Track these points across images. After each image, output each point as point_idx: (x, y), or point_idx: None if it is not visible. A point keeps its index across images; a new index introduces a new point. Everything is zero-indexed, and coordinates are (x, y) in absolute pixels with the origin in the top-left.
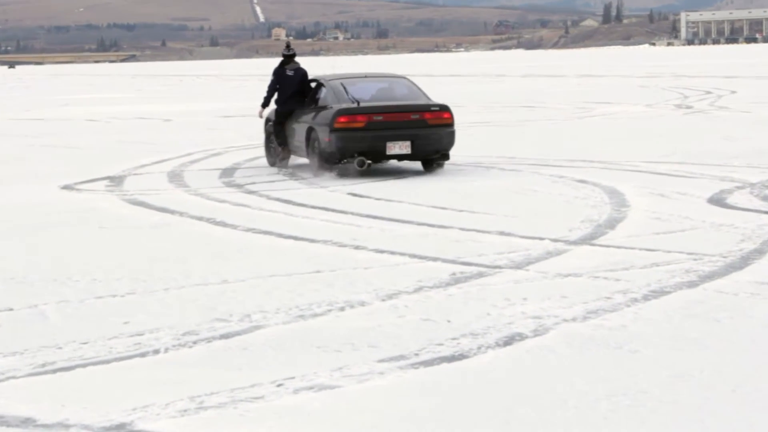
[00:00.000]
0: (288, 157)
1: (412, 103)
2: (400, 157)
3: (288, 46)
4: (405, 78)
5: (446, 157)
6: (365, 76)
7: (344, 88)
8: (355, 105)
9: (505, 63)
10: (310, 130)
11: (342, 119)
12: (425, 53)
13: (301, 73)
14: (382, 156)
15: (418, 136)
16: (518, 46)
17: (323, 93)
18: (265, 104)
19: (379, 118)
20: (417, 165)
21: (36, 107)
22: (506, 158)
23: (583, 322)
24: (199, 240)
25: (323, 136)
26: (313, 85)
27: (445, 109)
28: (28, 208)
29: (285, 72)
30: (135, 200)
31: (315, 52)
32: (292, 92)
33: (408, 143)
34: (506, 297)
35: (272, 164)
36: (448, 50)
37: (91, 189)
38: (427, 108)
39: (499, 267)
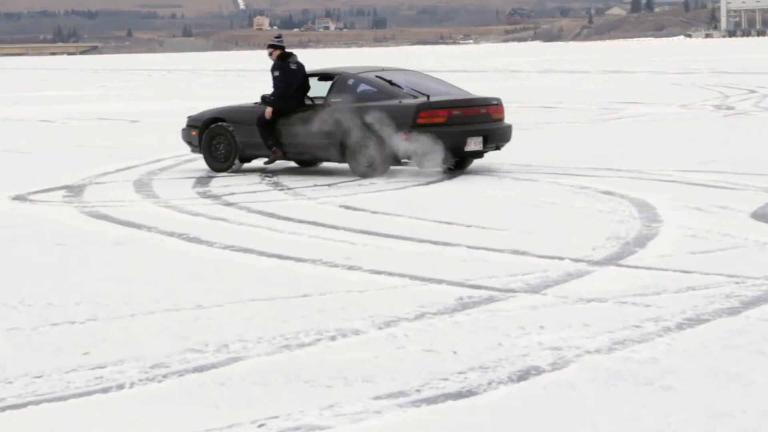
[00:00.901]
0: (280, 159)
1: (481, 97)
2: (474, 155)
3: (279, 38)
4: (419, 71)
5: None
6: (383, 69)
7: (388, 81)
8: (426, 99)
9: (520, 57)
10: (352, 130)
11: (424, 114)
12: (428, 45)
13: (303, 68)
14: (460, 153)
15: (490, 131)
16: (535, 37)
17: (354, 88)
18: (278, 104)
19: (458, 112)
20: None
21: None
22: (521, 166)
23: (609, 354)
24: (170, 259)
25: (395, 134)
26: (314, 79)
27: (500, 103)
28: None
29: (289, 66)
30: (96, 213)
31: (303, 44)
32: (296, 88)
33: (481, 139)
34: (520, 325)
35: (219, 170)
36: (455, 42)
37: (46, 200)
38: (490, 102)
39: (513, 291)
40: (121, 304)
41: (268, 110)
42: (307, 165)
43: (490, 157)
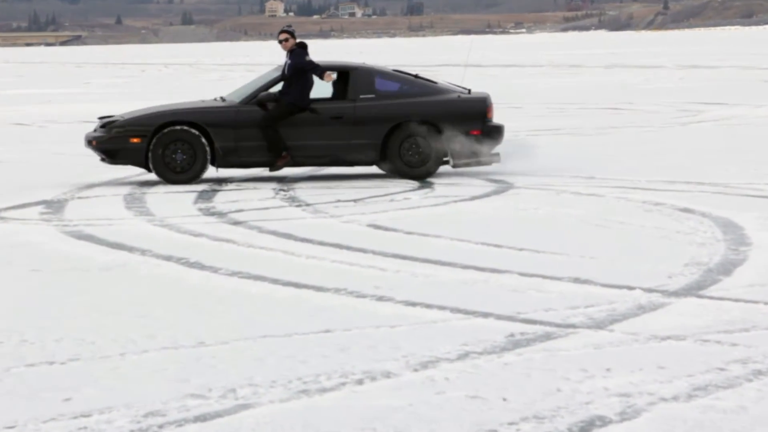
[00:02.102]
0: (287, 165)
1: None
2: None
3: (291, 27)
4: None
5: None
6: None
7: (414, 75)
8: (469, 93)
9: (582, 49)
10: (407, 126)
11: (490, 110)
12: (473, 35)
13: None
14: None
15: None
16: (600, 26)
17: (381, 82)
18: (303, 102)
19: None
20: (453, 181)
21: None
22: (583, 178)
23: (688, 401)
24: (167, 287)
25: (461, 131)
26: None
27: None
28: None
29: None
30: (80, 233)
31: (324, 34)
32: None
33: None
34: (583, 367)
35: (174, 182)
36: (505, 32)
37: (21, 218)
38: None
39: (573, 326)
40: (109, 341)
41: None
42: (299, 165)
43: (546, 169)
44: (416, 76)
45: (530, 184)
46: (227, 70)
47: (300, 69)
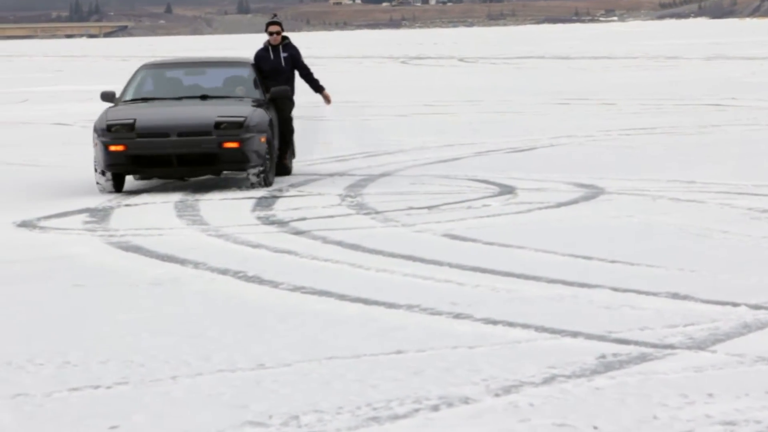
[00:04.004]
0: None
1: None
2: None
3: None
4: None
5: None
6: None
7: None
8: None
9: (680, 39)
10: None
11: None
12: (558, 24)
13: None
14: None
15: None
16: (700, 13)
17: None
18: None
19: None
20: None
21: None
22: (682, 183)
23: None
24: (223, 304)
25: None
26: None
27: None
28: None
29: None
30: (127, 244)
31: (394, 23)
32: None
33: None
34: (682, 392)
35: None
36: (594, 20)
37: (62, 227)
38: None
39: (671, 347)
40: (160, 363)
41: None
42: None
43: (640, 172)
44: None
45: (623, 189)
46: None
47: (296, 62)
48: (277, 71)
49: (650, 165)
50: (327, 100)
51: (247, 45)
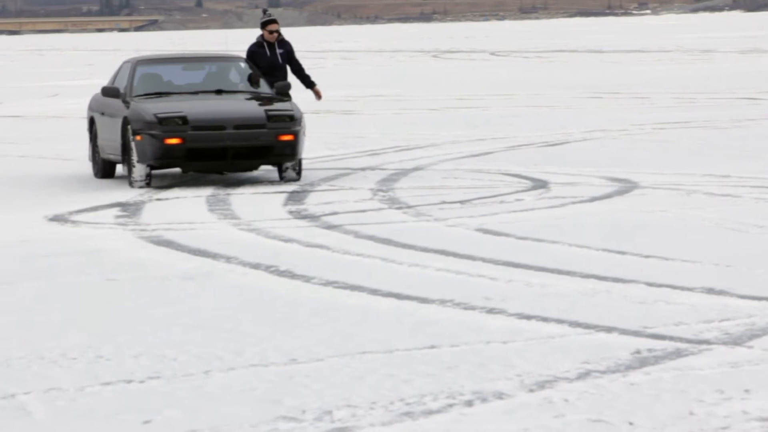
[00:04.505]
0: None
1: None
2: None
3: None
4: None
5: None
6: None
7: None
8: None
9: (714, 32)
10: None
11: None
12: (591, 18)
13: None
14: None
15: None
16: (734, 6)
17: None
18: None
19: None
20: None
21: (10, 99)
22: (717, 177)
23: None
24: (255, 298)
25: None
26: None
27: None
28: (0, 250)
29: None
30: (158, 238)
31: (425, 17)
32: None
33: None
34: (718, 388)
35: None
36: (627, 13)
37: (94, 221)
38: None
39: (707, 342)
40: (193, 357)
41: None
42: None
43: (674, 166)
44: None
45: (657, 183)
46: (319, 57)
47: (291, 57)
48: (275, 67)
49: (684, 159)
50: (318, 95)
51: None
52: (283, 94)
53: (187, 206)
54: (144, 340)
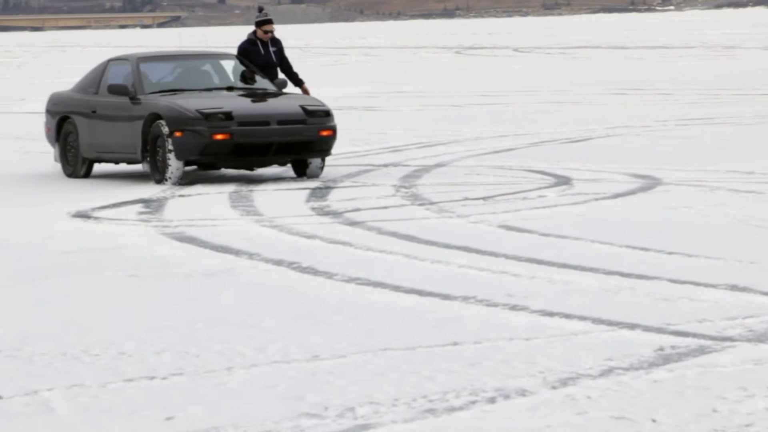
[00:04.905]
0: None
1: None
2: None
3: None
4: None
5: None
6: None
7: None
8: None
9: (738, 28)
10: None
11: None
12: (614, 14)
13: None
14: None
15: None
16: (758, 1)
17: None
18: None
19: None
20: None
21: (32, 95)
22: (740, 173)
23: None
24: (277, 295)
25: None
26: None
27: None
28: (24, 246)
29: None
30: (181, 235)
31: (448, 13)
32: None
33: None
34: (742, 385)
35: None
36: (651, 9)
37: (117, 217)
38: None
39: (731, 339)
40: (215, 354)
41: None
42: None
43: (698, 163)
44: None
45: (681, 179)
46: (341, 54)
47: (282, 55)
48: (269, 65)
49: (708, 155)
50: (306, 93)
51: (302, 35)
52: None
53: (209, 202)
54: (166, 336)
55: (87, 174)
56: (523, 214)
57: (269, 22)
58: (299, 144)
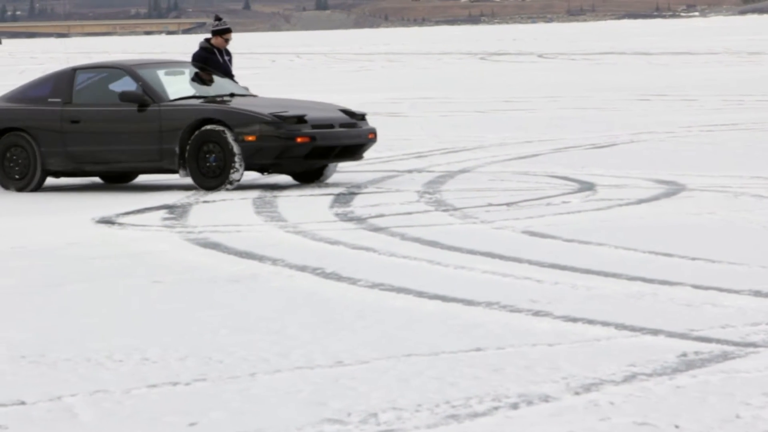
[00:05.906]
0: None
1: None
2: None
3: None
4: None
5: None
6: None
7: None
8: None
9: (763, 34)
10: None
11: None
12: (639, 20)
13: None
14: None
15: None
16: None
17: None
18: None
19: None
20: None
21: None
22: (765, 179)
23: None
24: (301, 301)
25: None
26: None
27: None
28: (48, 252)
29: None
30: (205, 241)
31: (473, 19)
32: None
33: None
34: (765, 391)
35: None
36: (675, 15)
37: (141, 224)
38: None
39: (755, 345)
40: (238, 359)
41: None
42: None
43: (722, 169)
44: None
45: (704, 185)
46: (366, 60)
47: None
48: (227, 72)
49: (732, 161)
50: None
51: (326, 41)
52: None
53: (233, 208)
54: (190, 342)
55: (38, 187)
56: (547, 220)
57: (230, 30)
58: (355, 147)
